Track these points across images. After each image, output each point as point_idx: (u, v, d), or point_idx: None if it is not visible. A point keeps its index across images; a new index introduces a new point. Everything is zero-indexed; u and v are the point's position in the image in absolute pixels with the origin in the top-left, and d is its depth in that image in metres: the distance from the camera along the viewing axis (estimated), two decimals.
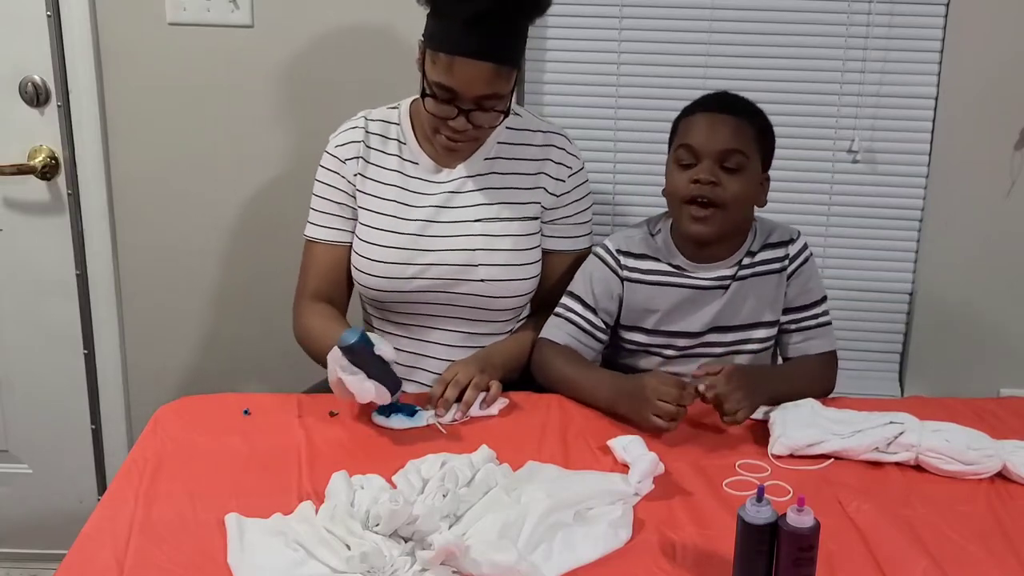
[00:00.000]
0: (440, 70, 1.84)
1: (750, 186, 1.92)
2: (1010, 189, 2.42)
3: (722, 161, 1.89)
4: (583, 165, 2.07)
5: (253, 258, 2.54)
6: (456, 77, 1.83)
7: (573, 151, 2.05)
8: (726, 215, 1.90)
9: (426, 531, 1.45)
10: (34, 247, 2.52)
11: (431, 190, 2.01)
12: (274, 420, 1.83)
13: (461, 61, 1.81)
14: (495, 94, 1.86)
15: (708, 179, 1.88)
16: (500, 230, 1.99)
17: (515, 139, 2.03)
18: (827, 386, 2.02)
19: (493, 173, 2.02)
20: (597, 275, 2.01)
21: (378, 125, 2.04)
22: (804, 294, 2.02)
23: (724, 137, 1.89)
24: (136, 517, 1.54)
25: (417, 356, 2.07)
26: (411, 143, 2.02)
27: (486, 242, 1.99)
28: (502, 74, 1.84)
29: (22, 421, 2.66)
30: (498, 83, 1.85)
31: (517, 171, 2.02)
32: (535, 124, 2.05)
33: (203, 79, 2.43)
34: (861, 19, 2.37)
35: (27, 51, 2.38)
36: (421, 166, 2.02)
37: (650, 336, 2.01)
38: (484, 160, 2.01)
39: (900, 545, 1.51)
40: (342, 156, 2.03)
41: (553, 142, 2.03)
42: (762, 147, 1.95)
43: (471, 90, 1.84)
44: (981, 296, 2.49)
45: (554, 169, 2.03)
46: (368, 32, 2.39)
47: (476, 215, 2.00)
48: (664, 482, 1.65)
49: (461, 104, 1.86)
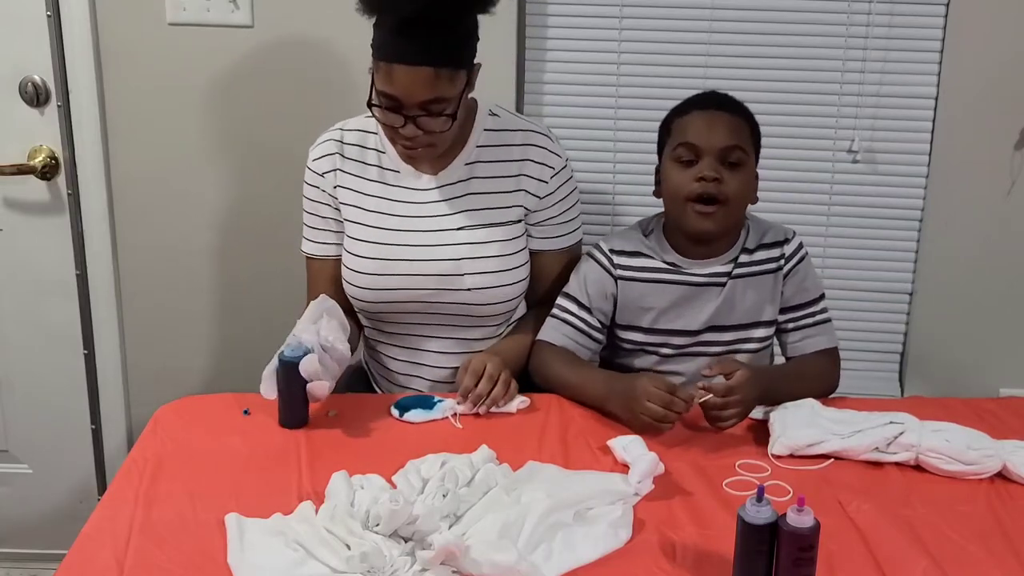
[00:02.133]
0: (382, 78, 1.84)
1: (750, 182, 1.95)
2: (1010, 189, 2.41)
3: (724, 158, 1.90)
4: (566, 163, 2.04)
5: (253, 258, 2.54)
6: (396, 84, 1.82)
7: (555, 149, 2.02)
8: (729, 211, 1.92)
9: (426, 531, 1.45)
10: (34, 247, 2.52)
11: (413, 198, 2.00)
12: (274, 420, 1.83)
13: (398, 68, 1.81)
14: (438, 98, 1.83)
15: (713, 175, 1.89)
16: (485, 237, 1.98)
17: (494, 140, 2.00)
18: (831, 382, 2.02)
19: (474, 178, 2.00)
20: (591, 275, 2.02)
21: (355, 135, 2.03)
22: (801, 292, 2.02)
23: (724, 134, 1.91)
24: (136, 517, 1.54)
25: (412, 364, 2.07)
26: (390, 151, 2.00)
27: (472, 250, 1.97)
28: (442, 77, 1.81)
29: (22, 421, 2.65)
30: (440, 86, 1.82)
31: (498, 174, 2.00)
32: (514, 123, 2.03)
33: (203, 79, 2.43)
34: (861, 19, 2.37)
35: (27, 51, 2.38)
36: (402, 173, 2.00)
37: (647, 335, 2.02)
38: (464, 165, 1.99)
39: (900, 545, 1.51)
40: (319, 170, 2.03)
41: (532, 141, 2.00)
42: (755, 144, 1.98)
43: (412, 96, 1.82)
44: (981, 296, 2.49)
45: (535, 169, 2.00)
46: (368, 32, 2.38)
47: (459, 223, 1.98)
48: (664, 482, 1.65)
49: (406, 112, 1.84)
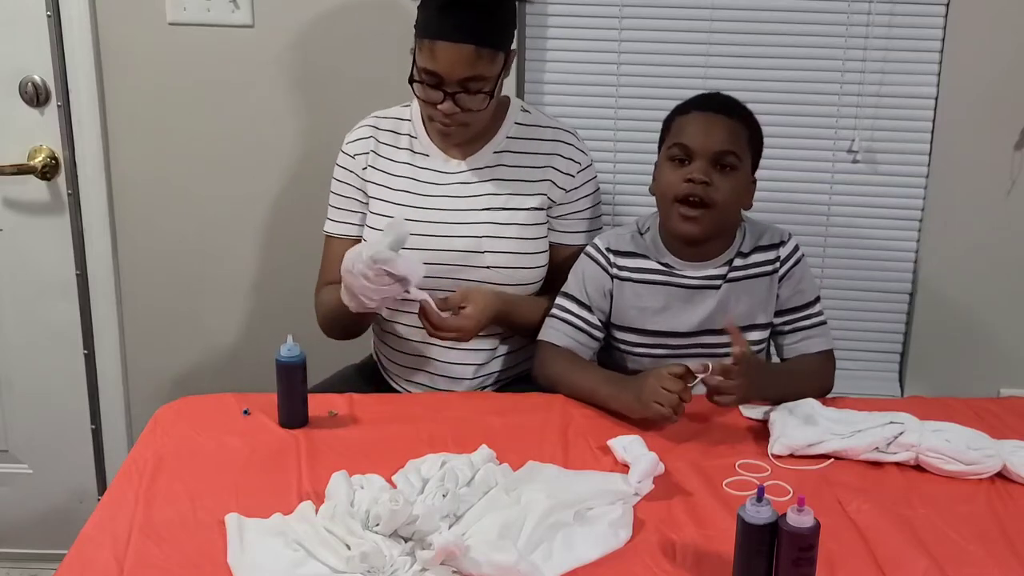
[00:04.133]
0: (425, 56, 1.93)
1: (740, 187, 1.94)
2: (1010, 189, 2.41)
3: (716, 161, 1.90)
4: (591, 162, 2.12)
5: (253, 258, 2.54)
6: (439, 61, 1.91)
7: (582, 148, 2.11)
8: (715, 215, 1.91)
9: (426, 531, 1.45)
10: (34, 247, 2.52)
11: (441, 180, 2.07)
12: (274, 420, 1.83)
13: (442, 45, 1.90)
14: (478, 76, 1.93)
15: (701, 178, 1.88)
16: (506, 219, 2.05)
17: (524, 134, 2.09)
18: (826, 384, 2.02)
19: (501, 165, 2.07)
20: (589, 273, 2.02)
21: (389, 122, 2.12)
22: (797, 295, 2.02)
23: (719, 138, 1.90)
24: (136, 517, 1.54)
25: (424, 345, 2.09)
26: (422, 137, 2.09)
27: (492, 229, 2.04)
28: (483, 56, 1.92)
29: (22, 421, 2.65)
30: (480, 65, 1.92)
31: (525, 164, 2.08)
32: (544, 121, 2.13)
33: (203, 79, 2.43)
34: (861, 19, 2.36)
35: (27, 51, 2.38)
36: (431, 158, 2.09)
37: (642, 336, 2.01)
38: (493, 153, 2.08)
39: (900, 545, 1.51)
40: (351, 152, 2.11)
41: (561, 138, 2.10)
42: (753, 149, 1.97)
43: (454, 72, 1.92)
44: (981, 296, 2.49)
45: (563, 164, 2.08)
46: (368, 32, 2.39)
47: (484, 204, 2.06)
48: (664, 482, 1.65)
49: (446, 87, 1.94)
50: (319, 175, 2.40)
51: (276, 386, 1.82)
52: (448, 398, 2.02)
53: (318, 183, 2.33)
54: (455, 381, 2.10)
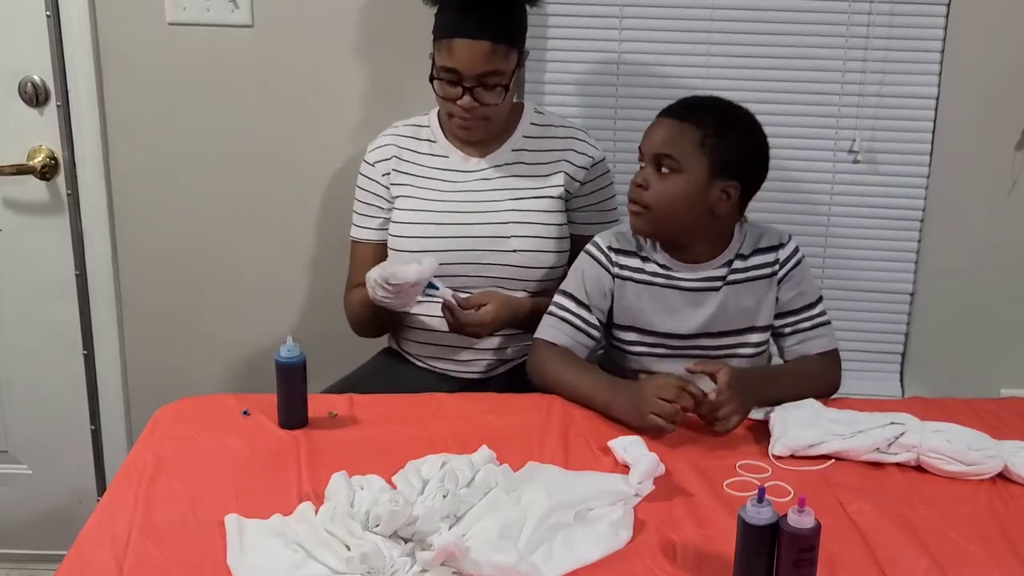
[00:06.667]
0: (444, 54, 2.05)
1: (683, 191, 1.89)
2: (1011, 189, 2.41)
3: (657, 164, 1.91)
4: (604, 157, 2.23)
5: (253, 258, 2.54)
6: (457, 57, 2.03)
7: (593, 144, 2.23)
8: (653, 216, 1.91)
9: (426, 532, 1.45)
10: (34, 247, 2.52)
11: (463, 178, 2.18)
12: (274, 420, 1.83)
13: (460, 42, 2.02)
14: (494, 71, 2.04)
15: (636, 181, 1.92)
16: (530, 205, 2.16)
17: (539, 133, 2.21)
18: (831, 384, 2.01)
19: (520, 163, 2.19)
20: (589, 272, 2.02)
21: (409, 129, 2.23)
22: (799, 297, 2.01)
23: (657, 140, 1.92)
24: (136, 517, 1.54)
25: (448, 334, 2.13)
26: (441, 140, 2.20)
27: (517, 215, 2.15)
28: (498, 51, 2.03)
29: (22, 421, 2.65)
30: (496, 60, 2.03)
31: (541, 161, 2.19)
32: (558, 121, 2.25)
33: (203, 79, 2.43)
34: (862, 19, 2.36)
35: (27, 51, 2.38)
36: (451, 158, 2.19)
37: (641, 335, 2.01)
38: (511, 151, 2.19)
39: (901, 546, 1.51)
40: (372, 160, 2.21)
41: (575, 135, 2.22)
42: (714, 153, 1.88)
43: (471, 68, 2.03)
44: (981, 296, 2.49)
45: (577, 158, 2.19)
46: (368, 32, 2.39)
47: (507, 195, 2.17)
48: (664, 483, 1.65)
49: (465, 83, 2.04)
50: (319, 175, 2.40)
51: (276, 387, 1.82)
52: (448, 398, 2.01)
53: (318, 183, 2.34)
54: (475, 352, 2.18)
